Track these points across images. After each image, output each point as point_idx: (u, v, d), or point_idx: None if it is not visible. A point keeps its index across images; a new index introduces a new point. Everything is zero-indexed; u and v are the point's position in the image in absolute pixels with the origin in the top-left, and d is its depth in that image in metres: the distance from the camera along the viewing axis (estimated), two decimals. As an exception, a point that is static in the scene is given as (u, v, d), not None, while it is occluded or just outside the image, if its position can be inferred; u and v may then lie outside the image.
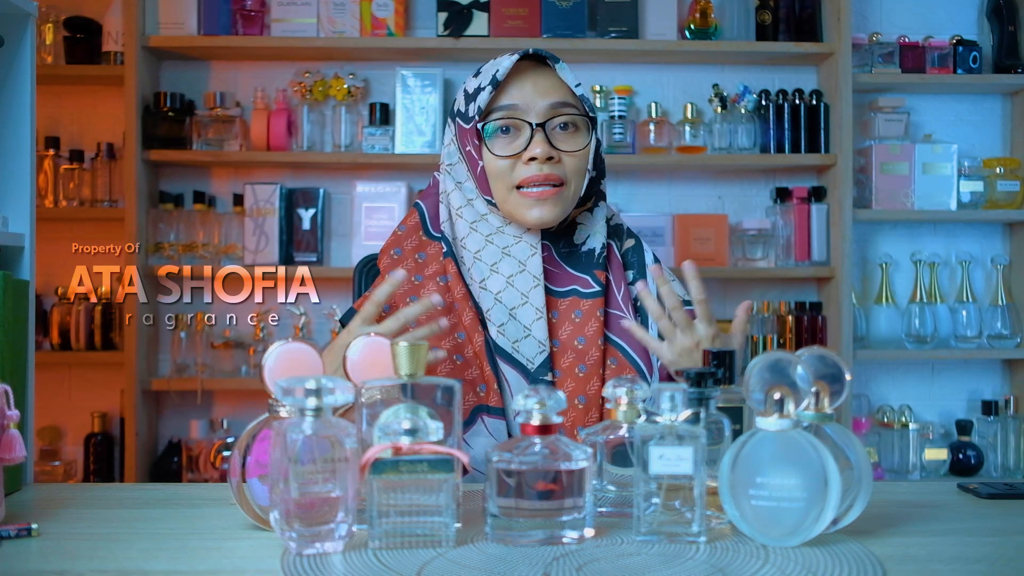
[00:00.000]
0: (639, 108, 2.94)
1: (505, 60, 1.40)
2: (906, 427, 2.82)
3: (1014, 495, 1.20)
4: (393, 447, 0.93)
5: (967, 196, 2.90)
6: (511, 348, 1.39)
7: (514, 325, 1.40)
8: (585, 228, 1.48)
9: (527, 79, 1.40)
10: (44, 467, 2.75)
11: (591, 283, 1.44)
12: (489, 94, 1.39)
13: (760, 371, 0.97)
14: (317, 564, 0.90)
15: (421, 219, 1.50)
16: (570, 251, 1.46)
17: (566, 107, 1.40)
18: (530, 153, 1.38)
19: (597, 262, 1.45)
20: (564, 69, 1.42)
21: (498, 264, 1.42)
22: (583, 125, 1.41)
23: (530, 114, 1.39)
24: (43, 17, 2.77)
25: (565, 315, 1.42)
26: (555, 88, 1.41)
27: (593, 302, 1.42)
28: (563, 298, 1.43)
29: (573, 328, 1.41)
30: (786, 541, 0.96)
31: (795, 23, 2.88)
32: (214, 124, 2.78)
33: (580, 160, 1.41)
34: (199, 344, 2.76)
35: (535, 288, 1.41)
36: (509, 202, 1.40)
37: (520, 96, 1.39)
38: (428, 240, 1.47)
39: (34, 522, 1.01)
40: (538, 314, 1.40)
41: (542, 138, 1.38)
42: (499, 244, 1.44)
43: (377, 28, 2.81)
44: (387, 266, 1.46)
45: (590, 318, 1.41)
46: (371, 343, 1.08)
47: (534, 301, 1.40)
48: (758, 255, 2.89)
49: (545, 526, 0.95)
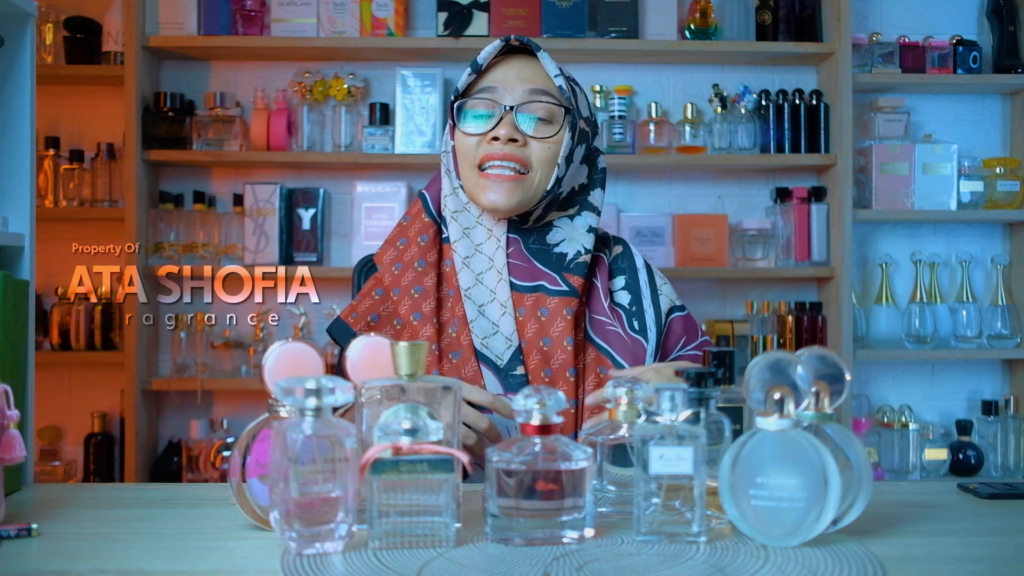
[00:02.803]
0: (639, 108, 2.94)
1: (489, 46, 1.41)
2: (906, 427, 2.82)
3: (1014, 495, 1.20)
4: (393, 447, 0.93)
5: (967, 196, 2.90)
6: (480, 344, 1.38)
7: (483, 322, 1.39)
8: (561, 232, 1.45)
9: (511, 66, 1.42)
10: (44, 467, 2.75)
11: (559, 281, 1.41)
12: (469, 76, 1.41)
13: (760, 371, 0.97)
14: (317, 564, 0.90)
15: (425, 206, 1.50)
16: (540, 248, 1.44)
17: (545, 95, 1.39)
18: (494, 132, 1.37)
19: (568, 266, 1.42)
20: (546, 58, 1.41)
21: (470, 259, 1.42)
22: (560, 118, 1.40)
23: (506, 97, 1.39)
24: (43, 17, 2.77)
25: (531, 312, 1.40)
26: (536, 76, 1.40)
27: (560, 300, 1.39)
28: (528, 293, 1.41)
29: (539, 327, 1.38)
30: (786, 541, 0.96)
31: (795, 23, 2.88)
32: (214, 124, 2.78)
33: (548, 149, 1.38)
34: (199, 344, 2.76)
35: (500, 283, 1.40)
36: (470, 182, 1.41)
37: (501, 80, 1.40)
38: (431, 222, 1.48)
39: (34, 522, 1.01)
40: (503, 309, 1.39)
41: (510, 120, 1.38)
42: (473, 239, 1.43)
43: (377, 28, 2.81)
44: (390, 259, 1.46)
45: (556, 317, 1.39)
46: (371, 343, 1.08)
47: (500, 296, 1.40)
48: (758, 255, 2.90)
49: (545, 526, 0.95)
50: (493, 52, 1.40)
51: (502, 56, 1.43)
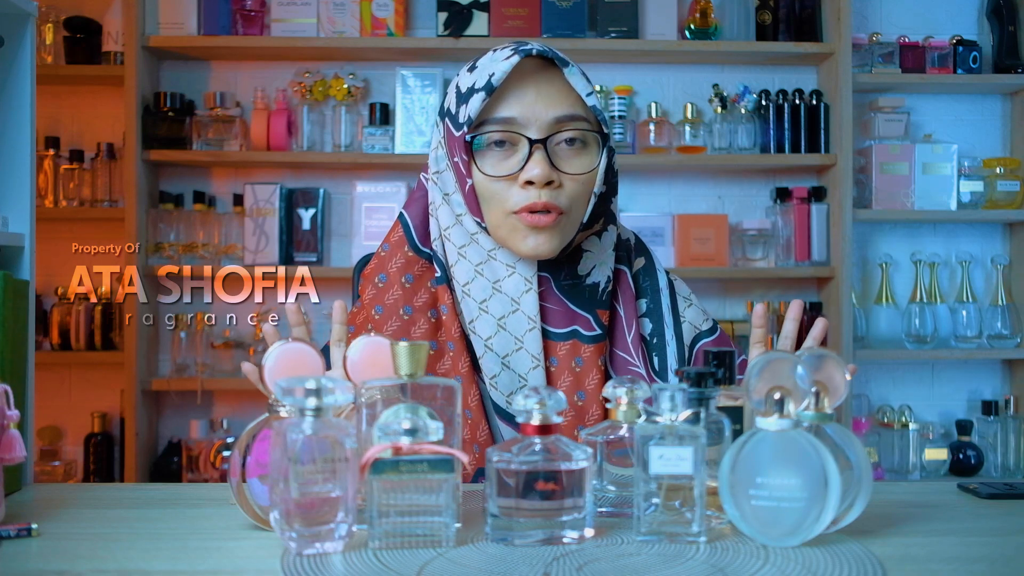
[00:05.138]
0: (639, 108, 2.94)
1: (503, 61, 1.19)
2: (906, 427, 2.82)
3: (1014, 495, 1.20)
4: (393, 447, 0.93)
5: (967, 196, 2.90)
6: (505, 403, 1.21)
7: (508, 375, 1.22)
8: (592, 256, 1.27)
9: (530, 86, 1.19)
10: (44, 467, 2.75)
11: (593, 325, 1.24)
12: (482, 101, 1.18)
13: (760, 371, 0.97)
14: (317, 564, 0.90)
15: (406, 233, 1.29)
16: (573, 283, 1.26)
17: (574, 120, 1.20)
18: (527, 175, 1.18)
19: (601, 299, 1.26)
20: (575, 74, 1.21)
21: (488, 302, 1.23)
22: (593, 141, 1.22)
23: (530, 128, 1.18)
24: (43, 17, 2.77)
25: (564, 363, 1.23)
26: (562, 97, 1.20)
27: (595, 348, 1.24)
28: (563, 341, 1.24)
29: (573, 379, 1.23)
30: (786, 541, 0.96)
31: (795, 23, 2.88)
32: (214, 124, 2.78)
33: (584, 184, 1.21)
34: (199, 344, 2.76)
35: (531, 331, 1.22)
36: (503, 228, 1.21)
37: (519, 107, 1.19)
38: (415, 257, 1.28)
39: (34, 522, 1.01)
40: (535, 362, 1.22)
41: (542, 157, 1.18)
42: (489, 277, 1.24)
43: (377, 28, 2.81)
44: (371, 298, 1.28)
45: (592, 368, 1.23)
46: (371, 343, 1.08)
47: (530, 347, 1.22)
48: (758, 255, 2.90)
49: (545, 526, 0.95)
50: (508, 70, 1.18)
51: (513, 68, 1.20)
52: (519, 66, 1.19)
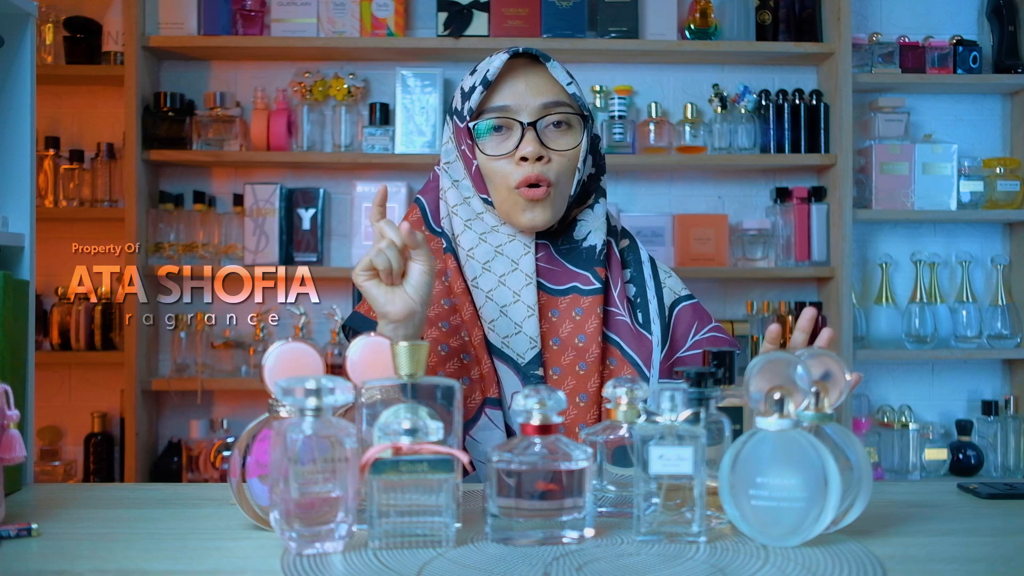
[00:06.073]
0: (639, 108, 2.94)
1: (496, 59, 1.41)
2: (906, 427, 2.82)
3: (1014, 495, 1.20)
4: (393, 447, 0.93)
5: (967, 196, 2.90)
6: (501, 343, 1.39)
7: (504, 321, 1.40)
8: (586, 224, 1.47)
9: (520, 78, 1.41)
10: (44, 467, 2.75)
11: (591, 280, 1.43)
12: (480, 94, 1.40)
13: (760, 371, 0.97)
14: (317, 564, 0.90)
15: (423, 214, 1.50)
16: (570, 247, 1.46)
17: (559, 106, 1.40)
18: (521, 152, 1.38)
19: (598, 259, 1.45)
20: (556, 67, 1.42)
21: (491, 263, 1.43)
22: (576, 123, 1.42)
23: (522, 113, 1.39)
24: (43, 17, 2.77)
25: (566, 313, 1.42)
26: (548, 86, 1.41)
27: (593, 299, 1.42)
28: (563, 296, 1.43)
29: (574, 326, 1.41)
30: (786, 541, 0.96)
31: (795, 23, 2.87)
32: (214, 124, 2.78)
33: (570, 159, 1.41)
34: (199, 344, 2.76)
35: (527, 286, 1.41)
36: (507, 203, 1.41)
37: (512, 96, 1.40)
38: (431, 235, 1.48)
39: (34, 522, 1.01)
40: (529, 311, 1.40)
41: (532, 137, 1.38)
42: (492, 243, 1.44)
43: (377, 28, 2.81)
44: None
45: (590, 315, 1.41)
46: (371, 343, 1.08)
47: (526, 299, 1.41)
48: (758, 255, 2.89)
49: (545, 526, 0.95)
50: (501, 65, 1.39)
51: (506, 67, 1.42)
52: (510, 63, 1.41)
